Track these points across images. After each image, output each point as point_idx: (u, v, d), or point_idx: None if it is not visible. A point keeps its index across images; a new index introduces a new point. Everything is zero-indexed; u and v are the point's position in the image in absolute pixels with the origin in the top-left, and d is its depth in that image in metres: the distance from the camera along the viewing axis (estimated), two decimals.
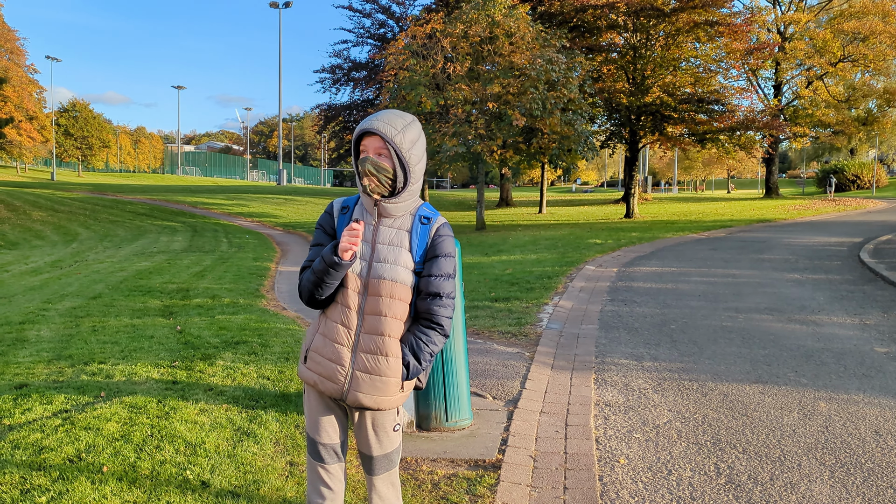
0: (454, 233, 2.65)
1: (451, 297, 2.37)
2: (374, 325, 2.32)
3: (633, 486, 3.61)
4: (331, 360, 2.35)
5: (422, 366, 2.38)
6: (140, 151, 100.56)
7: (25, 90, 55.01)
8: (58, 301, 8.98)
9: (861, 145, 52.97)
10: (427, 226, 2.37)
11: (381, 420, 2.45)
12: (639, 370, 5.75)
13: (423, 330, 2.36)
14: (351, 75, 36.77)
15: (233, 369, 5.18)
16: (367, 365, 2.33)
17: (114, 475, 3.32)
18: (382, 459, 2.49)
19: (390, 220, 2.36)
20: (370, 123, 2.26)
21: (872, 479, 3.68)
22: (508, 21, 19.96)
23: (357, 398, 2.35)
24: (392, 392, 2.37)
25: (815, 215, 26.15)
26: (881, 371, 5.66)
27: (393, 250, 2.32)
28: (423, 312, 2.36)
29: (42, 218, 25.51)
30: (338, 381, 2.35)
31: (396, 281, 2.30)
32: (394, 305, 2.32)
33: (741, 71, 29.35)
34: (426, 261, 2.36)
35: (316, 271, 2.27)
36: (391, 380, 2.35)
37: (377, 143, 2.27)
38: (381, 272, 2.30)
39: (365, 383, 2.34)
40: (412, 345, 2.36)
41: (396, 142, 2.25)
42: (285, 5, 51.31)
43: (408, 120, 2.31)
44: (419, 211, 2.40)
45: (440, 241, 2.36)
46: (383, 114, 2.30)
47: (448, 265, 2.37)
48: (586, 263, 12.55)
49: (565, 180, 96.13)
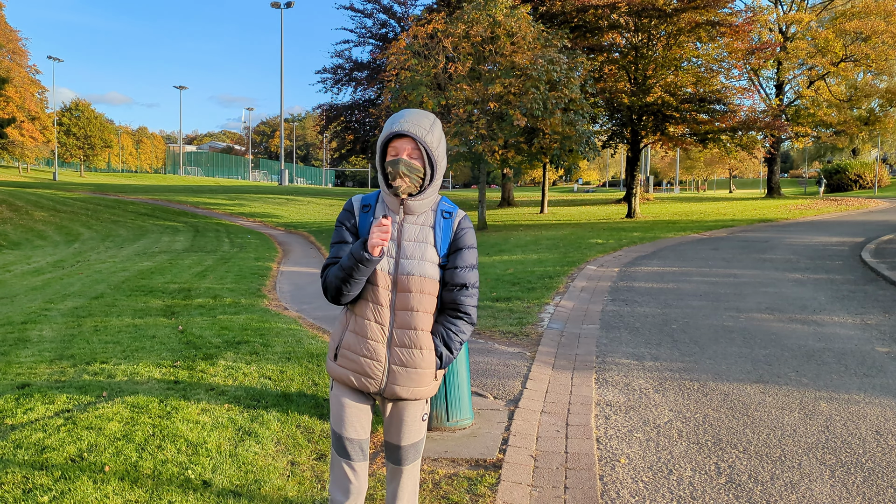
0: None
1: (475, 287, 2.46)
2: (406, 320, 2.39)
3: (634, 486, 3.62)
4: (365, 356, 2.41)
5: (453, 355, 2.48)
6: (142, 151, 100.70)
7: (27, 90, 55.10)
8: (60, 301, 9.00)
9: (863, 145, 52.87)
10: (449, 220, 2.45)
11: (413, 410, 2.53)
12: (640, 370, 5.75)
13: (452, 320, 2.45)
14: (352, 75, 36.78)
15: (234, 369, 5.19)
16: (403, 359, 2.41)
17: (116, 474, 3.33)
18: (411, 449, 2.56)
19: (414, 216, 2.42)
20: (400, 125, 2.31)
21: (873, 478, 3.68)
22: (510, 21, 19.95)
23: (395, 391, 2.43)
24: (427, 382, 2.47)
25: (817, 215, 26.12)
26: (882, 371, 5.66)
27: (419, 246, 2.39)
28: (450, 303, 2.44)
29: (44, 218, 25.55)
30: (375, 375, 2.42)
31: (425, 276, 2.37)
32: (424, 300, 2.39)
33: (743, 71, 29.31)
34: (450, 253, 2.44)
35: (344, 268, 2.32)
36: (426, 371, 2.44)
37: (409, 144, 2.33)
38: (409, 268, 2.36)
39: (402, 376, 2.42)
40: (443, 335, 2.44)
41: (427, 141, 2.31)
42: (287, 5, 51.34)
43: (431, 119, 2.38)
44: (440, 206, 2.46)
45: (463, 234, 2.45)
46: (409, 115, 2.34)
47: (472, 256, 2.46)
48: (588, 263, 12.55)
49: (567, 180, 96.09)
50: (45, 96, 62.99)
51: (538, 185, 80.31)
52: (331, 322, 7.93)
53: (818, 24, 39.92)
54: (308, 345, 6.16)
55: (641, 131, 27.47)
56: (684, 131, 27.30)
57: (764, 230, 19.99)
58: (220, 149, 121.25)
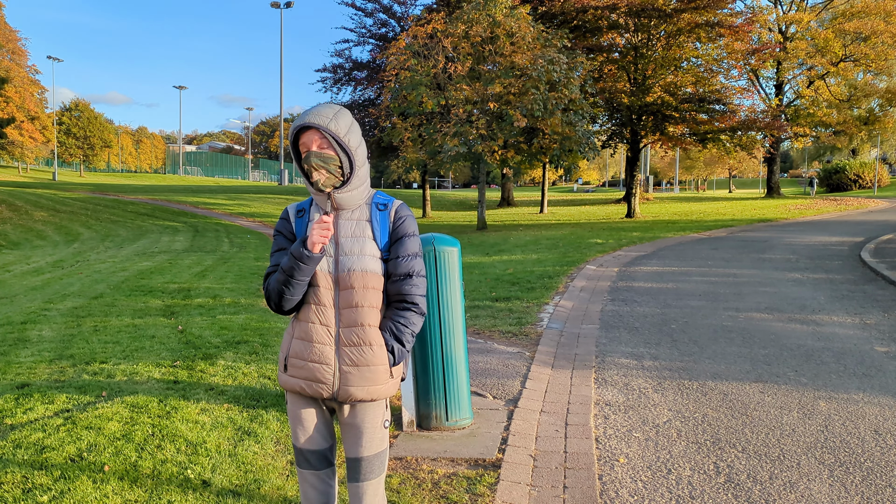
0: (455, 233, 2.66)
1: (421, 276, 2.37)
2: (352, 317, 2.32)
3: (633, 485, 3.62)
4: (314, 361, 2.33)
5: (406, 348, 2.38)
6: (142, 151, 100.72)
7: (27, 90, 55.12)
8: (59, 301, 9.00)
9: (863, 145, 52.90)
10: (385, 211, 2.39)
11: (372, 415, 2.41)
12: (639, 370, 5.76)
13: (400, 313, 2.36)
14: (352, 75, 36.77)
15: (234, 369, 5.19)
16: (354, 358, 2.32)
17: (115, 474, 3.33)
18: (374, 460, 2.43)
19: (348, 212, 2.36)
20: (302, 120, 2.27)
21: (871, 478, 3.69)
22: (509, 21, 19.96)
23: (349, 392, 2.34)
24: (382, 380, 2.37)
25: (816, 215, 26.13)
26: (881, 370, 5.67)
27: (357, 241, 2.33)
28: (396, 294, 2.36)
29: (44, 218, 25.54)
30: (326, 380, 2.33)
31: (367, 271, 2.30)
32: (368, 295, 2.32)
33: (742, 71, 29.34)
34: (392, 244, 2.37)
35: (285, 269, 2.26)
36: (379, 367, 2.35)
37: (315, 135, 2.28)
38: (349, 265, 2.30)
39: (354, 376, 2.33)
40: (392, 329, 2.36)
41: (332, 129, 2.26)
42: (286, 5, 51.32)
43: (336, 108, 2.32)
44: (374, 199, 2.41)
45: (402, 223, 2.38)
46: (313, 108, 2.31)
47: (414, 244, 2.38)
48: (587, 263, 12.55)
49: (567, 180, 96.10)
50: (45, 96, 63.04)
51: (538, 185, 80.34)
52: None
53: (818, 24, 39.94)
54: None
55: (641, 131, 27.48)
56: (684, 131, 27.32)
57: (763, 230, 20.00)
58: (219, 149, 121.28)
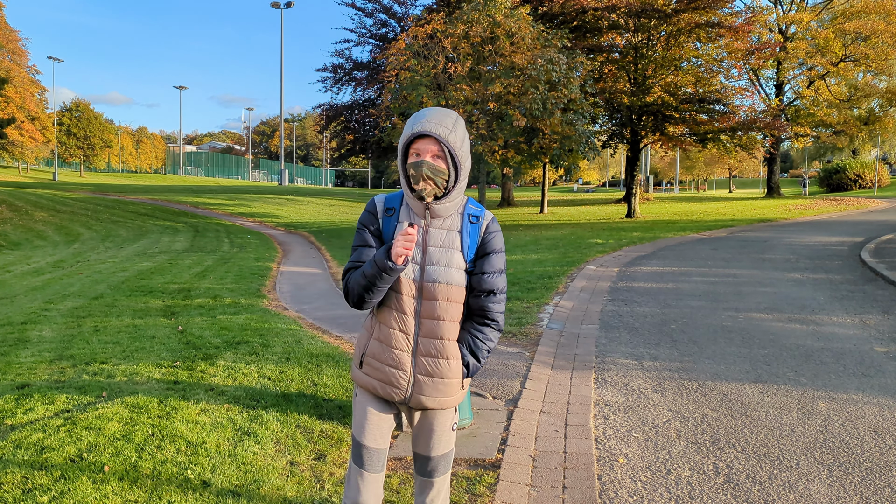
0: None
1: (503, 293, 2.36)
2: (432, 329, 2.30)
3: (632, 486, 3.63)
4: (391, 365, 2.33)
5: (480, 363, 2.38)
6: (142, 152, 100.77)
7: (27, 91, 55.16)
8: (59, 301, 9.01)
9: (863, 145, 52.87)
10: (477, 224, 2.33)
11: (442, 419, 2.44)
12: (639, 370, 5.76)
13: (479, 328, 2.35)
14: (352, 75, 36.82)
15: (234, 369, 5.20)
16: (429, 368, 2.32)
17: (115, 475, 3.33)
18: (441, 460, 2.47)
19: (439, 220, 2.31)
20: (422, 125, 2.19)
21: (870, 478, 3.69)
22: (509, 21, 19.97)
23: (420, 401, 2.35)
24: (454, 392, 2.38)
25: (817, 215, 26.13)
26: (881, 371, 5.67)
27: (445, 252, 2.28)
28: (478, 310, 2.34)
29: (44, 218, 25.55)
30: (400, 385, 2.34)
31: (451, 284, 2.27)
32: (450, 308, 2.30)
33: (742, 71, 29.35)
34: (478, 258, 2.33)
35: (367, 275, 2.23)
36: (453, 381, 2.35)
37: (433, 145, 2.20)
38: (434, 276, 2.26)
39: (428, 386, 2.33)
40: (469, 344, 2.35)
41: (450, 141, 2.19)
42: (287, 5, 51.35)
43: (454, 117, 2.25)
44: (466, 209, 2.34)
45: (491, 238, 2.34)
46: (431, 114, 2.22)
47: (500, 261, 2.35)
48: (587, 263, 12.56)
49: (567, 180, 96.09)
50: (45, 96, 63.11)
51: (538, 185, 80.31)
52: (330, 322, 7.94)
53: (818, 24, 39.91)
54: (308, 345, 6.17)
55: (641, 131, 27.48)
56: (684, 131, 27.32)
57: (763, 230, 20.00)
58: (220, 149, 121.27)
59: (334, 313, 8.55)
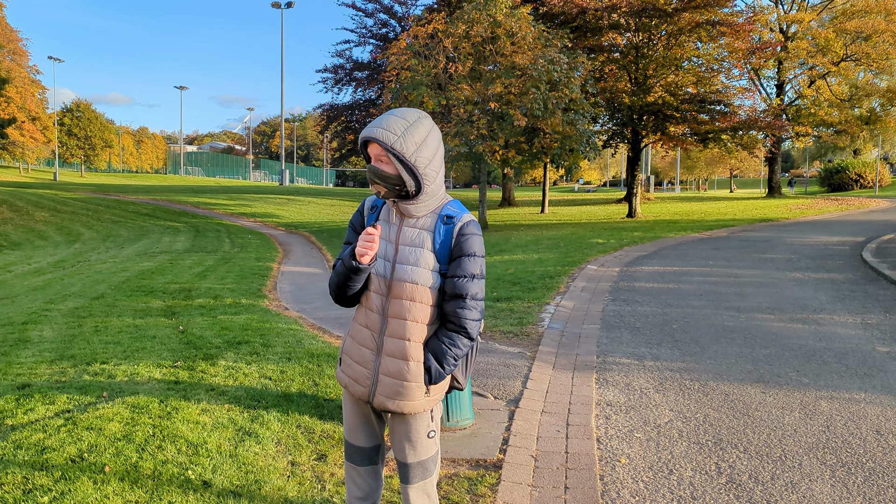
0: None
1: (476, 299, 2.28)
2: (397, 328, 2.29)
3: (634, 486, 3.61)
4: (359, 363, 2.35)
5: (444, 370, 2.32)
6: (143, 152, 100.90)
7: (28, 91, 55.19)
8: (60, 301, 9.00)
9: (864, 145, 52.84)
10: (450, 225, 2.28)
11: (415, 425, 2.39)
12: (640, 370, 5.75)
13: (447, 333, 2.31)
14: (353, 75, 36.78)
15: (235, 369, 5.19)
16: (391, 369, 2.30)
17: (116, 475, 3.33)
18: (417, 467, 2.42)
19: (413, 220, 2.31)
20: (368, 131, 2.20)
21: (873, 478, 3.68)
22: (510, 21, 19.95)
23: (381, 401, 2.34)
24: (415, 396, 2.33)
25: (818, 214, 26.11)
26: (883, 370, 5.66)
27: (415, 251, 2.27)
28: (450, 314, 2.30)
29: (45, 218, 25.56)
30: (364, 384, 2.35)
31: (417, 283, 2.25)
32: (415, 309, 2.27)
33: (743, 70, 29.30)
34: (451, 261, 2.28)
35: (339, 273, 2.28)
36: (412, 384, 2.31)
37: (376, 149, 2.21)
38: (402, 274, 2.26)
39: (388, 387, 2.32)
40: (434, 349, 2.31)
41: (397, 148, 2.17)
42: (287, 5, 51.32)
43: (411, 120, 2.21)
44: (443, 210, 2.32)
45: (464, 241, 2.27)
46: (384, 118, 2.21)
47: (472, 265, 2.27)
48: (588, 263, 12.54)
49: (568, 180, 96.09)
50: (46, 97, 63.10)
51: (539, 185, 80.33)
52: (331, 322, 7.93)
53: (819, 24, 39.88)
54: (309, 345, 6.16)
55: (642, 131, 27.46)
56: (685, 131, 27.29)
57: (765, 230, 19.98)
58: (220, 149, 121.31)
59: (335, 313, 8.55)
